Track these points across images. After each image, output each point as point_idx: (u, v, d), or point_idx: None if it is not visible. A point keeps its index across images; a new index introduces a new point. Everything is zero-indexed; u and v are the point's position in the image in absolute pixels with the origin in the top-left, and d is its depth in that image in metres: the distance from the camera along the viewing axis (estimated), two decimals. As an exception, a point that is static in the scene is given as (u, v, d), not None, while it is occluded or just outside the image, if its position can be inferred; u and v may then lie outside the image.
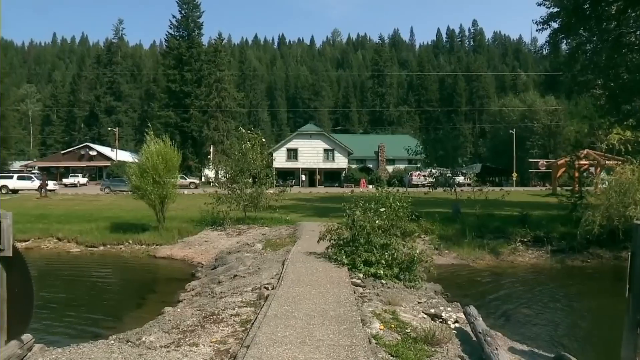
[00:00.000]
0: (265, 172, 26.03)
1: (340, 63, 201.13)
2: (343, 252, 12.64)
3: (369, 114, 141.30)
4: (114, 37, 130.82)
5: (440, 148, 28.29)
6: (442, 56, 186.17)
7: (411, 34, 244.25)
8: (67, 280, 17.32)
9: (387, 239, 12.38)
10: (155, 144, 23.68)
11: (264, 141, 26.80)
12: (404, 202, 13.55)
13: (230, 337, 7.54)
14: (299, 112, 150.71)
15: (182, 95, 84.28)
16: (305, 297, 9.22)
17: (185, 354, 6.90)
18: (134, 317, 11.66)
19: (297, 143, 75.62)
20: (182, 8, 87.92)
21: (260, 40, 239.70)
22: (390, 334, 7.72)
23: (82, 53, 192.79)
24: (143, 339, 7.72)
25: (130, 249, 22.48)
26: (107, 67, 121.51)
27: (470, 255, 19.78)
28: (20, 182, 53.88)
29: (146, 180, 23.01)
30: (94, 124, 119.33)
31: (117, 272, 19.13)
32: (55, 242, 24.10)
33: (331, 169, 75.99)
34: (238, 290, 11.13)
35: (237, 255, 17.20)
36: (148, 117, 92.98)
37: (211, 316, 8.88)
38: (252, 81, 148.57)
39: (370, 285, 11.12)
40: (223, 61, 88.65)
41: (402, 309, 9.42)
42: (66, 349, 7.32)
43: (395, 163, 79.73)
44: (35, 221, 26.61)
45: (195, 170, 79.26)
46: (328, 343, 6.66)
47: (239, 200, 25.18)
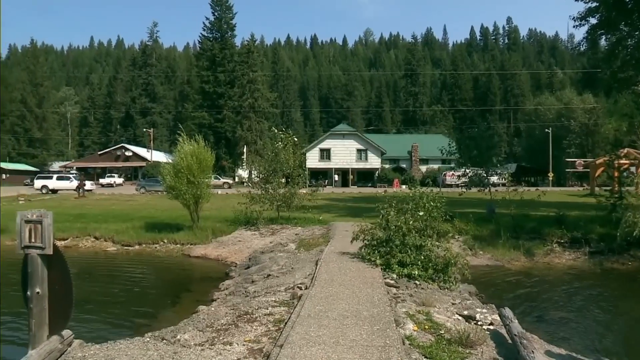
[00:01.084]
0: (298, 172, 26.08)
1: (373, 62, 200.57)
2: (377, 252, 12.56)
3: (402, 113, 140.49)
4: (149, 39, 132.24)
5: (475, 148, 27.91)
6: (476, 54, 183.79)
7: (444, 33, 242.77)
8: (104, 278, 17.62)
9: (421, 240, 12.26)
10: (189, 145, 23.90)
11: (296, 141, 26.83)
12: (437, 203, 13.42)
13: (264, 337, 7.56)
14: (331, 112, 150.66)
15: (216, 96, 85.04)
16: (339, 297, 9.19)
17: (219, 352, 6.94)
18: (168, 315, 11.81)
19: (330, 143, 75.55)
20: (215, 10, 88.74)
21: (293, 41, 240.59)
22: (424, 335, 7.65)
23: (118, 56, 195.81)
24: (178, 337, 7.79)
25: (165, 248, 22.75)
26: (142, 69, 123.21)
27: (504, 256, 19.47)
28: (60, 183, 55.23)
29: (181, 180, 23.24)
30: (130, 125, 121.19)
31: (152, 271, 19.39)
32: (92, 241, 24.58)
33: (364, 169, 75.73)
34: (271, 290, 11.15)
35: (270, 255, 17.26)
36: (182, 118, 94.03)
37: (245, 315, 8.91)
38: (285, 81, 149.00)
39: (403, 285, 11.03)
40: (256, 62, 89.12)
41: (436, 310, 9.32)
42: (104, 345, 7.45)
43: (429, 163, 79.09)
44: (74, 220, 27.19)
45: (229, 171, 79.81)
46: (361, 344, 6.62)
47: (272, 200, 25.28)
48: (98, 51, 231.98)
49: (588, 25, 28.25)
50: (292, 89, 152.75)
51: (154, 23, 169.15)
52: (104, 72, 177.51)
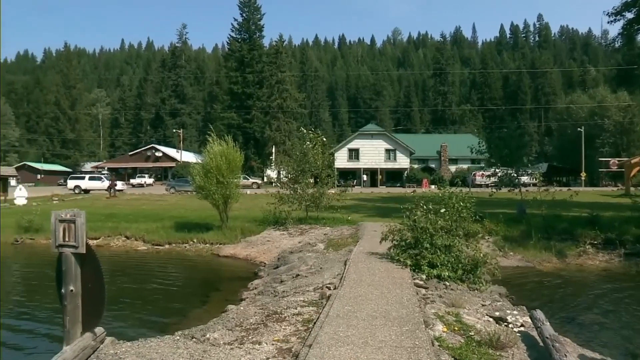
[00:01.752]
0: (327, 172, 26.06)
1: (401, 62, 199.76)
2: (406, 253, 12.47)
3: (431, 113, 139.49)
4: (178, 41, 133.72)
5: (505, 147, 27.54)
6: (506, 53, 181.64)
7: (473, 31, 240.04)
8: (135, 277, 17.83)
9: (450, 240, 12.14)
10: (219, 145, 24.04)
11: (324, 141, 26.81)
12: (467, 203, 13.27)
13: (293, 336, 7.56)
14: (360, 112, 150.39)
15: (244, 96, 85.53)
16: (368, 297, 9.14)
17: (249, 351, 6.96)
18: (198, 314, 11.90)
19: (358, 143, 75.33)
20: (243, 11, 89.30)
21: (321, 41, 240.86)
22: (453, 337, 7.57)
23: (148, 58, 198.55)
24: (207, 336, 7.84)
25: (195, 248, 22.94)
26: (171, 71, 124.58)
27: (535, 258, 19.14)
28: (92, 183, 56.22)
29: (210, 180, 23.39)
30: (160, 126, 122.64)
31: (182, 270, 19.55)
32: (123, 240, 24.94)
33: (393, 169, 75.36)
34: (300, 290, 11.16)
35: (299, 254, 17.27)
36: (211, 118, 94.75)
37: (274, 315, 8.93)
38: (313, 82, 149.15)
39: (433, 286, 10.93)
40: (284, 62, 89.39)
41: (465, 312, 9.22)
42: (135, 343, 7.55)
43: (458, 163, 78.39)
44: (105, 220, 27.63)
45: (258, 171, 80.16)
46: (390, 344, 6.57)
47: (301, 200, 25.32)
48: (129, 53, 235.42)
49: (624, 21, 27.70)
50: (321, 89, 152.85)
51: (183, 25, 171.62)
52: (134, 74, 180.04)
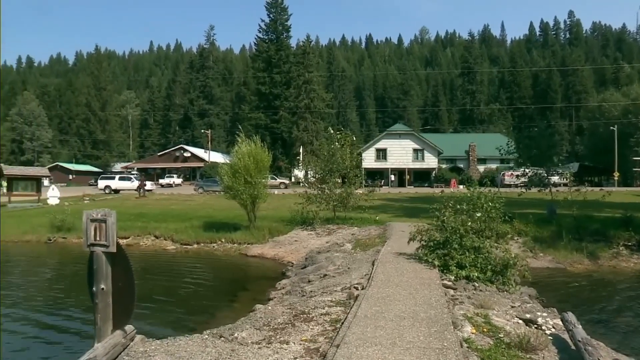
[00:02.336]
0: (355, 172, 26.01)
1: (429, 61, 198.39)
2: (434, 253, 12.38)
3: (459, 112, 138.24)
4: (206, 42, 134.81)
5: (534, 147, 27.26)
6: (535, 51, 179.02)
7: (502, 29, 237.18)
8: (164, 276, 18.03)
9: (480, 241, 12.01)
10: (246, 145, 24.18)
11: (354, 139, 26.75)
12: (496, 203, 13.13)
13: (320, 336, 7.56)
14: (387, 112, 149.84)
15: (272, 97, 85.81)
16: (395, 298, 9.10)
17: (276, 351, 6.98)
18: (226, 313, 11.98)
19: (386, 143, 74.99)
20: (270, 12, 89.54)
21: (348, 41, 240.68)
22: (482, 338, 7.48)
23: (177, 59, 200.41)
24: (235, 335, 7.89)
25: (223, 248, 23.11)
26: (199, 72, 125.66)
27: (566, 259, 18.83)
28: (121, 183, 57.01)
29: (238, 180, 23.55)
30: (188, 127, 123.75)
31: (210, 270, 19.70)
32: (152, 239, 25.25)
33: (421, 169, 74.84)
34: (328, 290, 11.16)
35: (326, 254, 17.27)
36: (239, 119, 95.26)
37: (301, 315, 8.94)
38: (341, 82, 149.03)
39: (461, 287, 10.84)
40: (311, 63, 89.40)
41: (494, 313, 9.11)
42: (164, 341, 7.63)
43: (487, 163, 77.49)
44: (135, 219, 27.98)
45: (285, 171, 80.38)
46: (418, 345, 6.53)
47: (329, 200, 25.33)
48: (157, 55, 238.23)
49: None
50: (348, 89, 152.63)
51: (211, 26, 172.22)
52: (163, 76, 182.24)
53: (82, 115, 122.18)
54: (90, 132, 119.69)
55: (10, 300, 14.43)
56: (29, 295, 15.47)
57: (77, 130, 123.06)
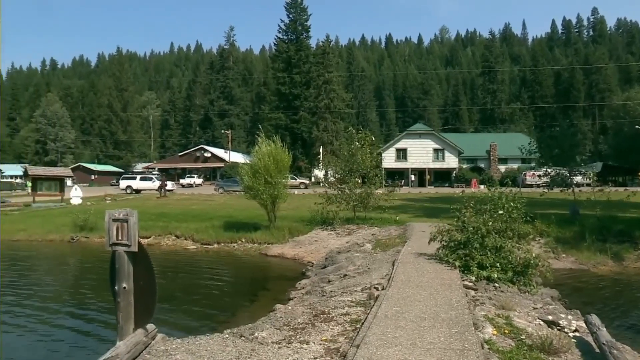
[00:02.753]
0: (375, 172, 25.95)
1: (449, 60, 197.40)
2: (455, 254, 12.29)
3: (480, 112, 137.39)
4: (226, 43, 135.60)
5: (556, 146, 26.92)
6: (558, 49, 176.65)
7: (523, 27, 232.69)
8: (185, 275, 18.14)
9: (501, 241, 11.90)
10: (267, 146, 24.21)
11: (373, 140, 26.68)
12: (517, 203, 12.99)
13: (340, 336, 7.54)
14: (407, 112, 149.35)
15: (292, 97, 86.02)
16: (416, 298, 9.05)
17: (296, 350, 6.98)
18: (246, 313, 12.01)
19: (406, 143, 74.71)
20: (290, 12, 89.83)
21: (368, 41, 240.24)
22: (503, 340, 7.39)
23: (197, 60, 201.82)
24: (255, 335, 7.90)
25: (243, 247, 23.17)
26: (220, 73, 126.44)
27: (590, 260, 18.51)
28: (143, 183, 57.52)
29: (258, 180, 23.59)
30: (208, 127, 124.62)
31: (231, 269, 19.77)
32: (173, 239, 25.42)
33: (441, 169, 74.44)
34: (348, 290, 11.13)
35: (346, 254, 17.25)
36: (259, 119, 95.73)
37: (321, 315, 8.93)
38: (360, 82, 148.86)
39: (482, 288, 10.74)
40: (331, 63, 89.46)
41: (516, 314, 9.00)
42: (185, 340, 7.68)
43: (508, 162, 76.85)
44: (156, 219, 28.19)
45: (305, 171, 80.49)
46: (439, 346, 6.48)
47: (349, 200, 25.28)
48: (178, 56, 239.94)
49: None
50: (368, 89, 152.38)
51: (231, 27, 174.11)
52: (183, 76, 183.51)
53: (104, 116, 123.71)
54: (112, 133, 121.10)
55: (34, 299, 14.67)
56: (52, 293, 15.69)
57: (99, 131, 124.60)
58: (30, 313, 12.93)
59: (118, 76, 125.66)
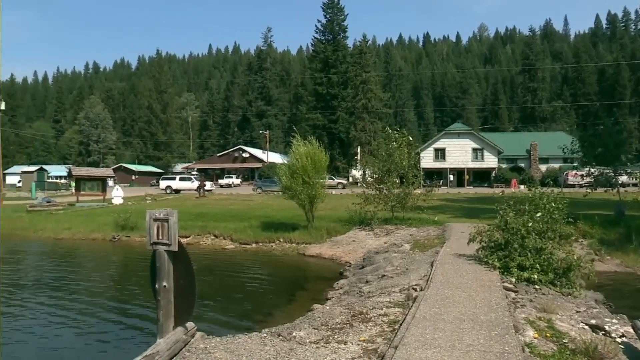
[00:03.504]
0: (413, 172, 25.75)
1: (488, 59, 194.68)
2: (495, 255, 12.11)
3: (520, 110, 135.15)
4: (264, 44, 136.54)
5: (600, 145, 26.24)
6: (602, 45, 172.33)
7: (565, 23, 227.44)
8: (223, 274, 18.30)
9: (542, 242, 11.67)
10: (304, 146, 24.27)
11: (410, 140, 26.50)
12: (559, 204, 12.72)
13: (378, 337, 7.52)
14: (446, 111, 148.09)
15: (329, 97, 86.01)
16: (455, 300, 8.96)
17: (334, 350, 6.98)
18: (284, 313, 12.07)
19: (444, 142, 73.99)
20: (327, 12, 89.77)
21: (405, 40, 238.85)
22: (545, 344, 7.24)
23: (235, 61, 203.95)
24: (293, 334, 7.94)
25: (281, 247, 23.26)
26: (257, 74, 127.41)
27: (636, 263, 17.81)
28: (182, 183, 58.44)
29: (296, 180, 23.66)
30: (246, 128, 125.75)
31: (269, 269, 19.86)
32: (212, 238, 25.69)
33: (480, 169, 73.48)
34: (386, 291, 11.09)
35: (384, 255, 17.17)
36: (297, 119, 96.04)
37: (359, 315, 8.92)
38: (398, 81, 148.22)
39: (522, 290, 10.55)
40: (368, 62, 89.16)
41: (558, 318, 8.80)
42: (224, 339, 7.77)
43: (549, 162, 75.33)
44: (195, 219, 28.55)
45: (343, 171, 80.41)
46: (478, 349, 6.40)
47: (387, 201, 25.16)
48: (216, 58, 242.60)
49: None
50: (405, 89, 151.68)
51: (268, 28, 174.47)
52: (221, 78, 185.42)
53: (144, 117, 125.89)
54: (152, 134, 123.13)
55: (80, 294, 15.10)
56: (95, 291, 16.03)
57: (139, 132, 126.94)
58: (77, 307, 13.42)
59: (158, 78, 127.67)
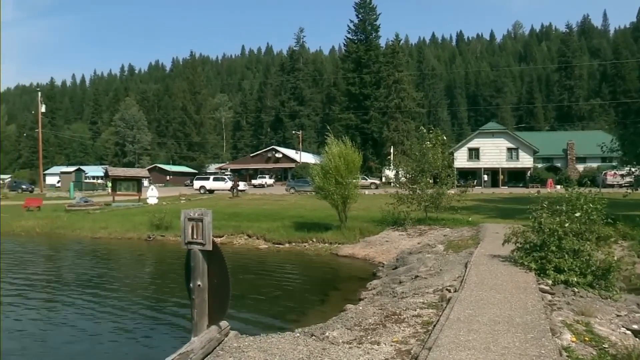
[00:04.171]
0: (446, 172, 25.53)
1: (523, 57, 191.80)
2: (531, 256, 11.89)
3: (556, 109, 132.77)
4: (296, 45, 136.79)
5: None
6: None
7: (604, 19, 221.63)
8: (256, 274, 18.41)
9: (579, 244, 11.42)
10: (337, 146, 24.26)
11: (444, 139, 26.28)
12: (597, 204, 12.42)
13: (412, 338, 7.47)
14: (480, 110, 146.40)
15: (362, 97, 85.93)
16: (489, 301, 8.84)
17: (367, 351, 6.96)
18: (317, 313, 12.08)
19: (478, 142, 73.20)
20: (359, 12, 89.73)
21: (438, 39, 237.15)
22: (583, 348, 7.03)
23: (268, 62, 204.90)
24: (326, 334, 7.94)
25: (314, 247, 23.28)
26: (290, 74, 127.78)
27: (681, 266, 17.42)
28: (216, 183, 59.06)
29: (329, 181, 23.65)
30: (279, 128, 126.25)
31: (302, 269, 19.90)
32: (245, 238, 25.86)
33: (515, 169, 72.48)
34: (419, 291, 11.01)
35: (418, 255, 17.06)
36: (329, 119, 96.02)
37: (392, 316, 8.87)
38: (431, 80, 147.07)
39: (559, 292, 10.33)
40: (401, 62, 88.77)
41: (597, 321, 8.58)
42: (257, 338, 7.83)
43: (587, 162, 73.91)
44: (228, 219, 28.77)
45: (376, 171, 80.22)
46: (514, 351, 6.29)
47: (420, 201, 24.99)
48: (249, 59, 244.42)
49: None
50: (439, 88, 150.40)
51: (300, 29, 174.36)
52: (254, 79, 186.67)
53: (178, 118, 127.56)
54: (186, 135, 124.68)
55: (115, 293, 15.37)
56: (131, 289, 16.32)
57: (173, 133, 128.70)
58: (115, 304, 13.75)
59: (192, 80, 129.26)
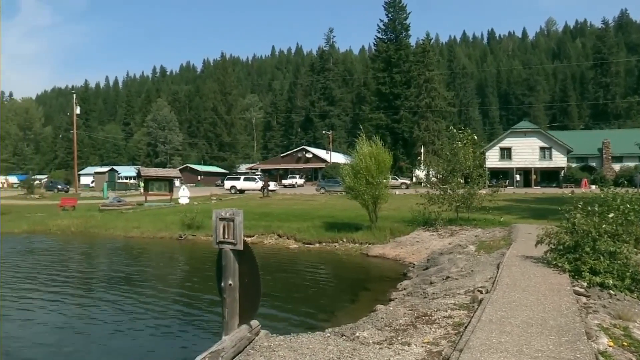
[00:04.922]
0: (478, 172, 25.29)
1: (556, 54, 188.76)
2: (564, 257, 11.68)
3: (591, 107, 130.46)
4: (326, 45, 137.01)
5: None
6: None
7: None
8: (287, 274, 18.48)
9: (616, 245, 11.17)
10: (368, 146, 24.21)
11: (475, 139, 26.03)
12: (635, 205, 12.16)
13: (443, 339, 7.41)
14: (512, 109, 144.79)
15: (392, 97, 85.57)
16: (522, 303, 8.71)
17: (397, 352, 6.92)
18: (347, 313, 12.06)
19: (510, 141, 72.28)
20: (389, 12, 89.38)
21: (469, 37, 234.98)
22: (621, 353, 6.81)
23: (297, 62, 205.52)
24: (357, 334, 7.92)
25: (344, 247, 23.27)
26: (320, 74, 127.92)
27: None
28: (246, 183, 59.50)
29: (359, 181, 23.63)
30: (309, 128, 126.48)
31: (332, 269, 19.92)
32: (276, 238, 25.99)
33: (548, 169, 71.37)
34: (450, 292, 10.92)
35: (449, 256, 16.93)
36: (360, 119, 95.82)
37: (423, 317, 8.81)
38: (462, 79, 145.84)
39: (595, 295, 10.10)
40: (431, 61, 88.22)
41: (636, 326, 8.34)
42: (287, 337, 7.85)
43: (623, 161, 72.35)
44: (259, 219, 28.93)
45: (406, 171, 79.82)
46: (547, 355, 6.18)
47: (451, 201, 24.80)
48: (279, 59, 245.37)
49: None
50: (470, 87, 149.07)
51: (330, 29, 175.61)
52: (284, 79, 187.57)
53: (209, 119, 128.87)
54: (217, 135, 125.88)
55: (148, 290, 15.61)
56: (163, 287, 16.53)
57: (204, 133, 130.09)
58: (148, 301, 14.00)
59: (222, 80, 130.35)
